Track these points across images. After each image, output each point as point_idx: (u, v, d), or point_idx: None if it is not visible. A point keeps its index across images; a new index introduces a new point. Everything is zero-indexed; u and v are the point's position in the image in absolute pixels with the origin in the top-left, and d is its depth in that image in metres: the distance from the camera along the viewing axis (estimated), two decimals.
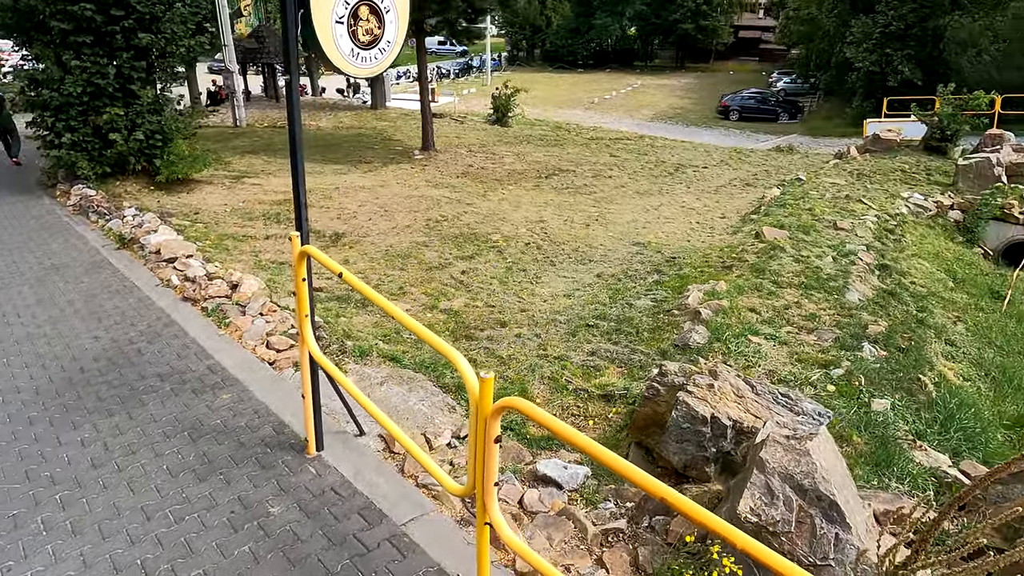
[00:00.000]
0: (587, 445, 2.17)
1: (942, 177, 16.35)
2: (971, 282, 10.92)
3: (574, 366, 6.11)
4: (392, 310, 2.96)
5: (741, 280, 8.13)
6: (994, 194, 14.51)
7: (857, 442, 4.77)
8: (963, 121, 18.75)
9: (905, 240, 11.74)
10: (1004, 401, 7.04)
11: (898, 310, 8.19)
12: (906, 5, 26.28)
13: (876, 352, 6.39)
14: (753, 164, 21.18)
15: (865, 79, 28.22)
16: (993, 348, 8.46)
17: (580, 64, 55.15)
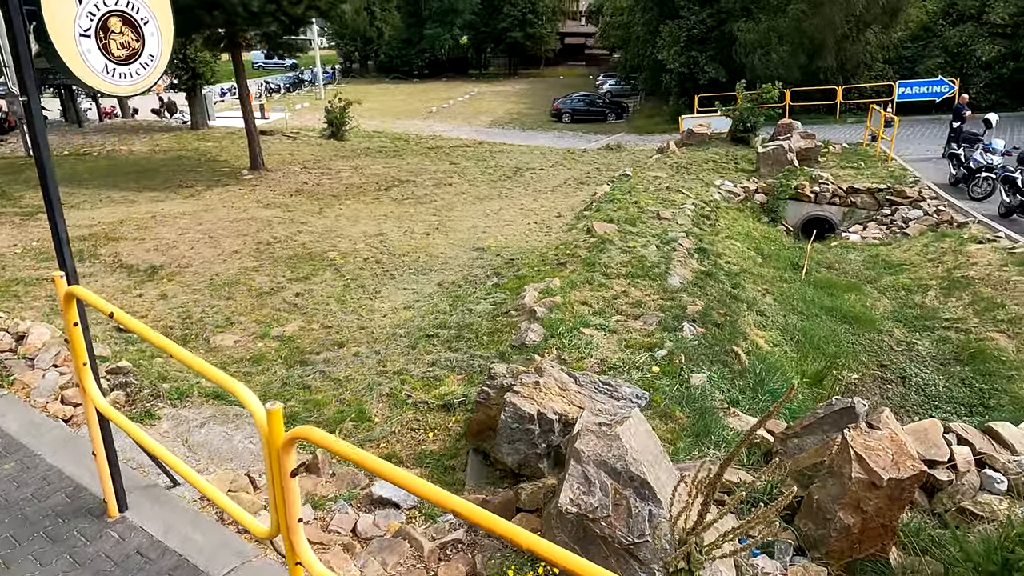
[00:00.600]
0: (379, 467, 2.08)
1: (747, 164, 18.11)
2: (776, 257, 12.17)
3: (414, 379, 6.02)
4: (165, 344, 2.70)
5: (574, 275, 8.45)
6: (788, 177, 16.31)
7: (680, 417, 5.09)
8: (760, 113, 20.94)
9: (719, 224, 12.84)
10: (806, 360, 7.88)
11: (715, 289, 8.91)
12: (705, 11, 28.93)
13: (695, 330, 6.89)
14: (586, 163, 22.22)
15: (678, 79, 30.65)
16: (796, 314, 9.47)
17: (416, 74, 55.10)
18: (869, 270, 11.91)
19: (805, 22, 24.40)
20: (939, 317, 9.46)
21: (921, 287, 10.61)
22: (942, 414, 7.29)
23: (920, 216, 14.09)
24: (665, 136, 25.88)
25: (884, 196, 15.56)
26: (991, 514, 4.09)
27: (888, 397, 7.74)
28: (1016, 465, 4.48)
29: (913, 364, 8.40)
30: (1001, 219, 12.87)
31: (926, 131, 22.07)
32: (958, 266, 10.71)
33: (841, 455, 3.69)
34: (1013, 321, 8.57)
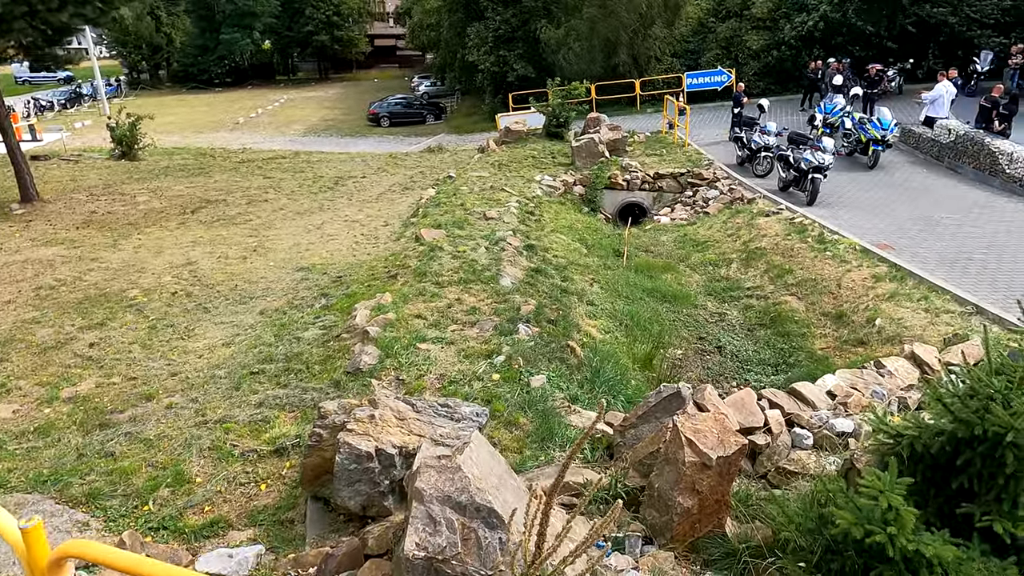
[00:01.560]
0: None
1: (564, 158, 18.88)
2: (599, 246, 12.79)
3: (240, 425, 5.46)
4: None
5: (406, 288, 8.21)
6: (601, 168, 17.23)
7: (523, 423, 5.09)
8: (570, 109, 21.96)
9: (544, 219, 13.22)
10: (635, 344, 8.31)
11: (545, 284, 9.12)
12: (509, 11, 29.79)
13: (530, 331, 6.97)
14: (409, 167, 21.93)
15: (490, 78, 31.32)
16: (622, 299, 9.97)
17: (217, 83, 51.23)
18: (680, 249, 12.91)
19: (599, 23, 25.97)
20: (742, 287, 10.46)
21: (725, 261, 11.68)
22: (754, 376, 8.05)
23: (717, 195, 15.55)
24: (485, 135, 26.30)
25: (686, 179, 16.99)
26: (803, 469, 4.51)
27: (708, 367, 8.40)
28: (818, 419, 4.99)
29: (726, 333, 9.20)
30: (780, 192, 14.55)
31: (713, 117, 24.42)
32: (752, 239, 11.93)
33: (674, 442, 3.85)
34: (800, 284, 9.70)
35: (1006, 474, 3.00)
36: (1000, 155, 14.47)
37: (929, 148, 17.22)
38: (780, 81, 27.13)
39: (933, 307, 7.73)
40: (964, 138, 15.79)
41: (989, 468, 3.09)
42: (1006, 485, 3.03)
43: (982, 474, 3.12)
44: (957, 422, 3.12)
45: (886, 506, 2.93)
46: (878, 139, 16.19)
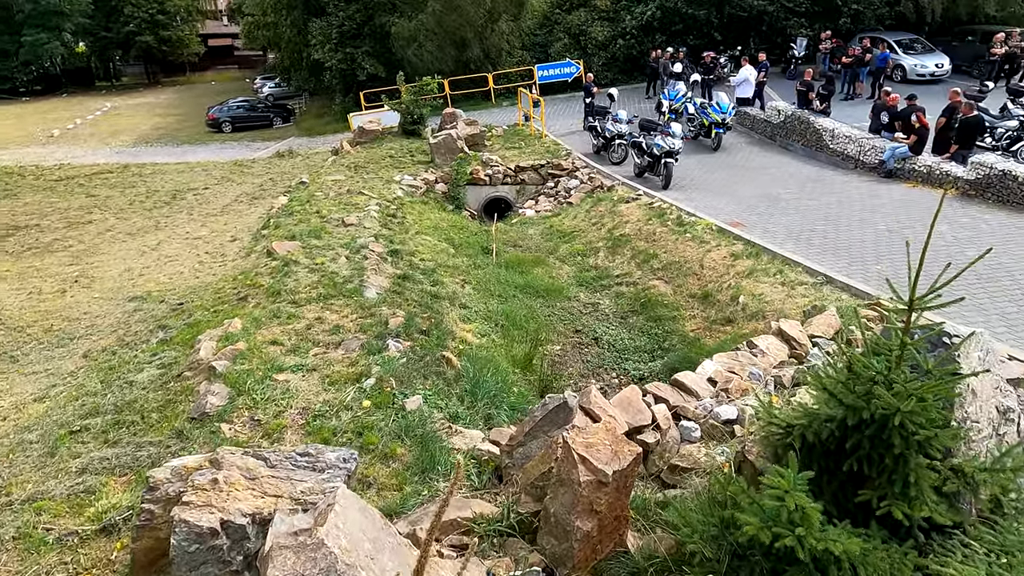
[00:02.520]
0: None
1: (423, 156, 18.33)
2: (467, 244, 12.43)
3: (57, 501, 4.52)
4: None
5: (258, 310, 7.38)
6: (462, 164, 16.88)
7: (401, 453, 4.60)
8: (425, 105, 21.40)
9: (407, 220, 12.65)
10: (513, 345, 8.03)
11: (414, 291, 8.61)
12: (352, 6, 28.55)
13: (401, 345, 6.46)
14: (257, 174, 20.43)
15: (339, 77, 29.95)
16: (495, 298, 9.68)
17: (24, 92, 45.23)
18: (548, 241, 12.86)
19: (445, 18, 25.58)
20: (611, 275, 10.53)
21: (592, 250, 11.75)
22: (633, 364, 8.05)
23: (578, 185, 15.72)
24: (338, 136, 25.12)
25: (546, 171, 17.05)
26: (695, 464, 4.39)
27: (588, 360, 8.30)
28: (703, 409, 4.92)
29: (601, 324, 9.18)
30: (637, 178, 14.95)
31: (566, 108, 24.89)
32: (616, 226, 12.09)
33: (566, 460, 3.55)
34: (666, 268, 9.90)
35: (894, 455, 2.96)
36: (824, 132, 15.76)
37: (763, 128, 18.47)
38: (626, 71, 28.16)
39: (788, 280, 8.09)
40: (792, 118, 17.06)
41: (878, 450, 3.04)
42: (896, 466, 2.99)
43: (871, 456, 3.07)
44: (844, 408, 3.05)
45: (793, 507, 2.79)
46: (719, 122, 17.13)
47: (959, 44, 24.16)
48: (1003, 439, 3.38)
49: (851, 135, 14.94)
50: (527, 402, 6.27)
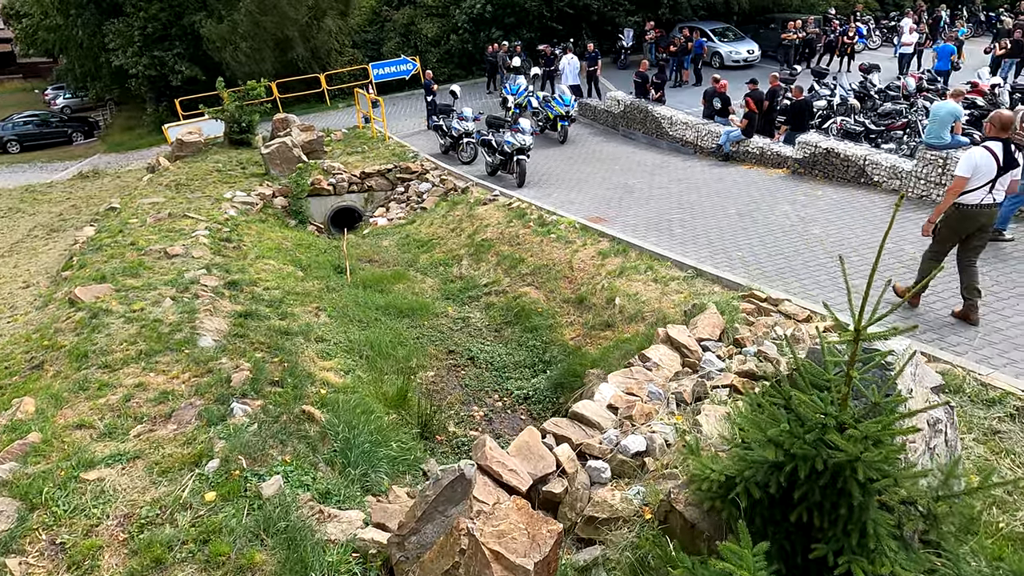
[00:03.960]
0: None
1: (256, 168, 16.67)
2: (316, 264, 11.26)
3: None
4: None
5: (58, 382, 5.94)
6: (301, 174, 15.52)
7: (262, 561, 3.67)
8: (252, 111, 19.53)
9: (245, 244, 11.24)
10: (383, 378, 7.19)
11: (260, 331, 7.47)
12: (154, 5, 25.52)
13: (250, 407, 5.41)
14: (56, 202, 17.62)
15: (148, 84, 26.77)
16: (356, 325, 8.73)
17: None
18: (406, 253, 12.02)
19: (263, 17, 23.61)
20: (479, 284, 9.95)
21: (455, 259, 11.09)
22: (515, 383, 7.52)
23: (430, 188, 14.98)
24: (153, 150, 22.44)
25: (394, 175, 16.13)
26: (612, 512, 3.89)
27: (466, 384, 7.66)
28: (608, 443, 4.45)
29: (474, 340, 8.56)
30: (490, 177, 14.50)
31: (407, 107, 23.98)
32: (476, 230, 11.52)
33: (475, 558, 2.88)
34: (535, 272, 9.48)
35: (850, 504, 2.60)
36: (663, 120, 16.24)
37: (605, 119, 18.80)
38: (463, 65, 27.72)
39: (660, 276, 7.95)
40: (631, 107, 17.46)
41: (831, 499, 2.67)
42: (850, 515, 2.63)
43: (823, 505, 2.70)
44: (792, 458, 2.65)
45: None
46: (563, 115, 17.14)
47: (764, 31, 26.26)
48: (934, 451, 3.17)
49: (688, 122, 15.49)
50: (407, 451, 5.51)
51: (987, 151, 5.72)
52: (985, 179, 5.70)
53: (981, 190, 5.73)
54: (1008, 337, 5.75)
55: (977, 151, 5.78)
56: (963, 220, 5.86)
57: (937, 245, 6.10)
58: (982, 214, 5.82)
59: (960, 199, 5.79)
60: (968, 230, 5.90)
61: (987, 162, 5.68)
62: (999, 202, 5.88)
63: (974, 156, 5.74)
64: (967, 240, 5.96)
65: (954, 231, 5.95)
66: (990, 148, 5.73)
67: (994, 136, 5.82)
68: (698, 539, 3.23)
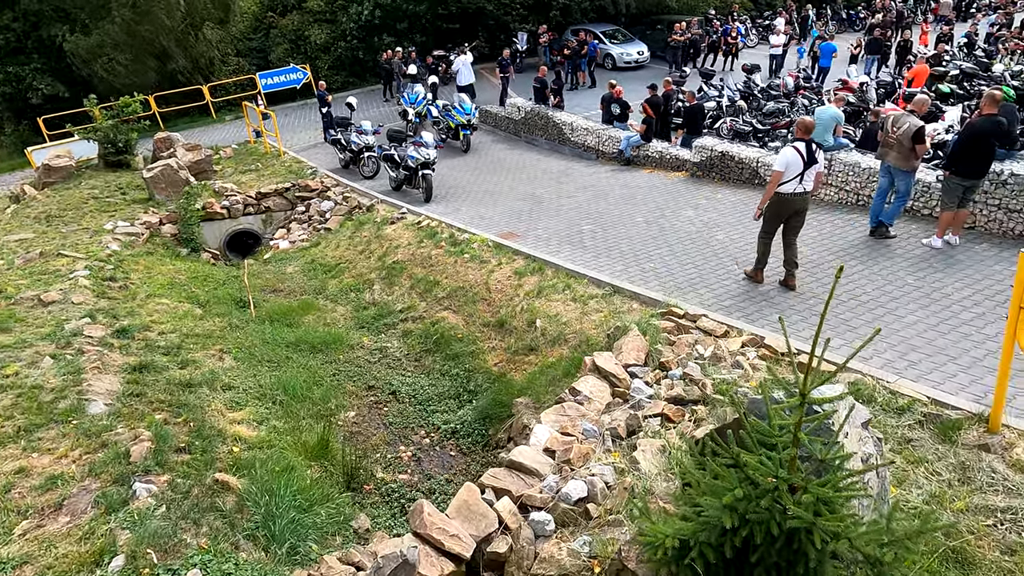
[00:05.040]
0: None
1: (138, 193, 15.48)
2: (216, 299, 10.53)
3: None
4: None
5: None
6: (191, 198, 14.52)
7: None
8: (130, 129, 18.12)
9: (132, 281, 10.36)
10: (300, 428, 6.77)
11: (159, 385, 6.85)
12: (5, 15, 23.14)
13: (155, 484, 4.91)
14: None
15: (4, 101, 24.29)
16: (265, 366, 8.21)
17: None
18: (312, 279, 11.47)
19: (136, 27, 21.93)
20: (394, 311, 9.62)
21: (366, 283, 10.69)
22: (441, 416, 7.31)
23: (333, 206, 14.41)
24: (15, 176, 20.34)
25: (294, 194, 15.42)
26: (560, 568, 3.79)
27: (390, 422, 7.36)
28: (549, 491, 4.35)
29: (395, 372, 8.26)
30: (396, 193, 14.12)
31: (301, 119, 23.02)
32: (386, 252, 11.16)
33: None
34: (451, 295, 9.27)
35: (807, 566, 2.61)
36: (564, 126, 16.41)
37: (506, 125, 18.80)
38: (357, 73, 26.95)
39: (578, 295, 7.96)
40: (532, 114, 17.55)
41: (786, 557, 2.67)
42: (807, 573, 2.64)
43: (779, 565, 2.70)
44: (747, 523, 2.63)
45: None
46: (464, 123, 16.97)
47: (652, 32, 27.14)
48: (867, 483, 3.26)
49: (589, 127, 15.73)
50: (335, 512, 5.18)
51: (795, 150, 7.02)
52: (795, 172, 7.01)
53: (793, 181, 7.05)
54: (905, 338, 6.13)
55: (788, 150, 7.12)
56: (782, 205, 7.22)
57: (766, 226, 7.47)
58: (796, 200, 7.17)
59: (779, 189, 7.11)
60: (787, 213, 7.28)
61: (795, 159, 6.99)
62: (808, 190, 7.18)
63: (786, 154, 7.08)
64: (788, 221, 7.34)
65: (777, 214, 7.33)
66: (797, 148, 7.03)
67: (799, 137, 7.17)
68: None
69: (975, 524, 3.90)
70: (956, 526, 3.78)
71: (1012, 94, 14.88)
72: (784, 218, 7.33)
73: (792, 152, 7.03)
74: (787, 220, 7.33)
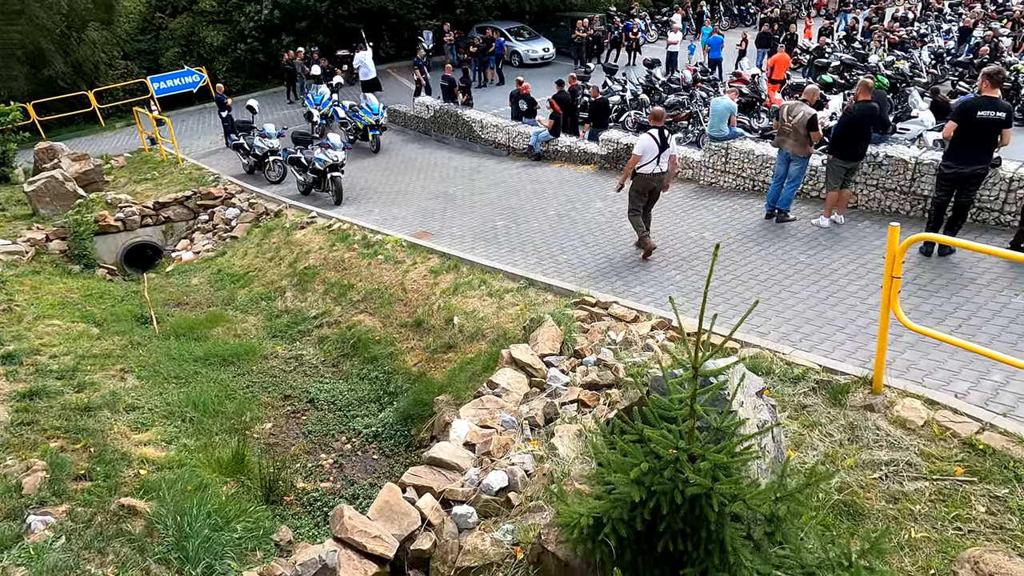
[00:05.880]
0: None
1: (21, 209, 14.41)
2: (114, 318, 9.93)
3: None
4: None
5: None
6: (81, 211, 13.61)
7: None
8: (6, 140, 16.79)
9: (18, 304, 9.62)
10: (213, 444, 6.52)
11: (53, 413, 6.42)
12: None
13: (52, 517, 4.61)
14: None
15: None
16: (172, 383, 7.84)
17: None
18: (220, 290, 11.02)
19: (9, 27, 20.30)
20: (308, 317, 9.39)
21: (277, 291, 10.37)
22: (362, 421, 7.21)
23: (239, 214, 13.87)
24: None
25: (195, 202, 14.73)
26: (485, 558, 3.84)
27: (309, 431, 7.19)
28: (471, 484, 4.39)
29: (312, 380, 8.07)
30: (305, 197, 13.75)
31: (199, 123, 22.02)
32: (297, 258, 10.86)
33: None
34: (367, 298, 9.13)
35: (709, 528, 2.76)
36: (474, 124, 16.46)
37: (416, 124, 18.66)
38: (258, 75, 26.00)
39: (494, 290, 8.02)
40: (441, 112, 17.49)
41: (690, 523, 2.82)
42: (709, 536, 2.80)
43: (685, 531, 2.85)
44: (653, 495, 2.76)
45: None
46: (372, 124, 16.71)
47: (556, 29, 27.60)
48: (764, 448, 3.48)
49: (498, 124, 15.84)
50: (253, 526, 5.02)
51: (651, 136, 8.05)
52: (651, 155, 8.06)
53: (651, 163, 8.10)
54: (798, 312, 6.55)
55: (644, 136, 8.18)
56: (643, 183, 8.26)
57: (633, 204, 8.48)
58: (653, 179, 8.23)
59: (639, 170, 8.15)
60: (647, 190, 8.34)
61: (651, 144, 8.05)
62: (664, 171, 8.24)
63: (643, 139, 8.14)
64: (648, 197, 8.43)
65: (639, 192, 8.36)
66: (652, 135, 8.05)
67: (654, 124, 8.24)
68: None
69: (863, 478, 4.23)
70: (838, 475, 4.09)
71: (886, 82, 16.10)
72: (645, 195, 8.40)
73: (648, 139, 8.06)
74: (648, 197, 8.46)
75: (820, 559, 2.96)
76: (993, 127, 6.79)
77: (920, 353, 5.51)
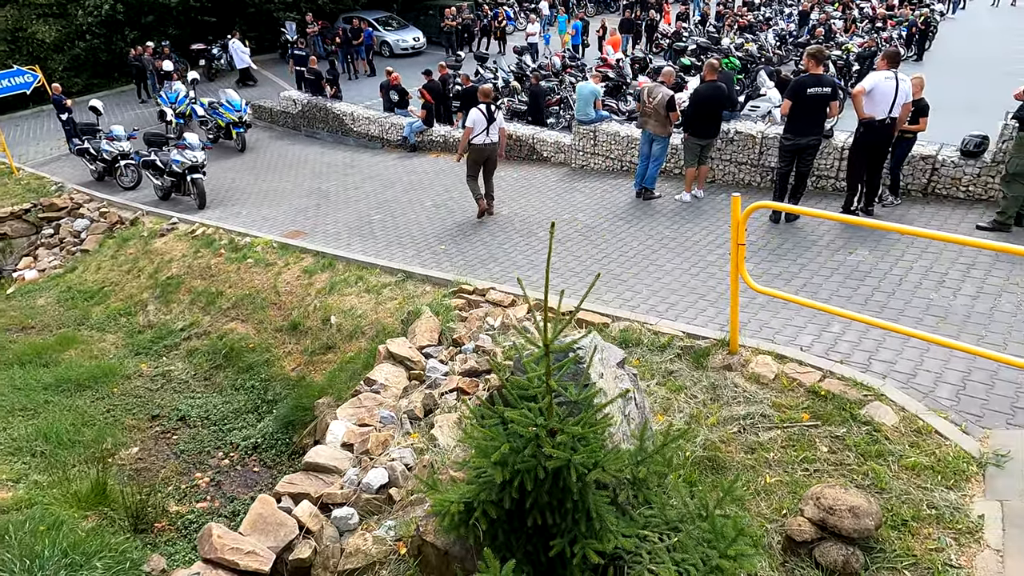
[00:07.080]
0: None
1: None
2: None
3: None
4: None
5: None
6: None
7: None
8: None
9: None
10: (70, 478, 5.97)
11: None
12: None
13: None
14: None
15: None
16: (18, 415, 7.12)
17: None
18: (72, 309, 10.08)
19: None
20: (174, 330, 8.79)
21: (138, 305, 9.63)
22: (240, 434, 6.86)
23: (89, 225, 12.72)
24: None
25: (36, 215, 13.39)
26: (368, 558, 3.76)
27: (182, 450, 6.75)
28: (350, 484, 4.29)
29: (182, 397, 7.57)
30: (164, 202, 12.84)
31: (36, 128, 20.00)
32: (158, 268, 10.13)
33: None
34: (237, 305, 8.67)
35: (573, 499, 2.85)
36: (344, 117, 16.00)
37: (284, 120, 17.89)
38: (101, 73, 23.89)
39: (371, 286, 7.85)
40: (310, 106, 16.87)
41: (556, 496, 2.89)
42: (575, 506, 2.89)
43: (551, 504, 2.92)
44: (518, 473, 2.80)
45: None
46: (236, 121, 15.85)
47: (425, 18, 27.29)
48: (628, 416, 3.63)
49: (371, 116, 15.49)
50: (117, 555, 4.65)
51: (479, 111, 9.06)
52: (481, 128, 9.07)
53: (482, 134, 9.11)
54: (665, 284, 6.89)
55: (474, 111, 9.15)
56: (478, 153, 9.25)
57: (470, 172, 9.44)
58: (486, 149, 9.22)
59: (473, 141, 9.12)
60: (482, 159, 9.31)
61: (480, 118, 9.06)
62: (495, 142, 9.25)
63: (472, 114, 9.17)
64: (484, 166, 9.39)
65: (475, 161, 9.33)
66: (481, 109, 9.06)
67: (482, 101, 9.20)
68: (453, 564, 3.28)
69: (725, 433, 4.53)
70: (702, 432, 4.35)
71: (737, 63, 17.18)
72: (480, 163, 9.34)
73: (477, 113, 9.08)
74: (484, 165, 9.37)
75: (682, 514, 3.13)
76: (822, 101, 7.42)
77: (771, 313, 5.95)
